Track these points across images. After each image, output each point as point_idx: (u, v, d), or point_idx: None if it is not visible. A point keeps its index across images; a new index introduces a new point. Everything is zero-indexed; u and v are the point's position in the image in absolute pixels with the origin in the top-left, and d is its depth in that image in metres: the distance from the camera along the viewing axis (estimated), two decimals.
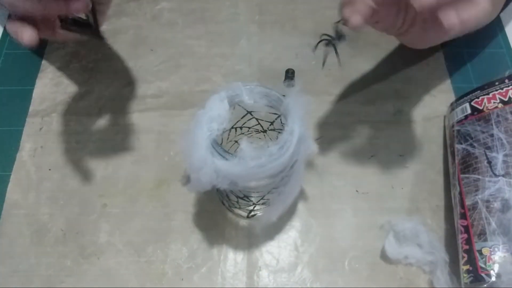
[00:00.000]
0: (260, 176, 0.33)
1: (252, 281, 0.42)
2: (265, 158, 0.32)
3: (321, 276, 0.42)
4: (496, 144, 0.40)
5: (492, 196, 0.39)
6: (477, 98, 0.44)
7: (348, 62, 0.54)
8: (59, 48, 0.55)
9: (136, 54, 0.55)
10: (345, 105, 0.51)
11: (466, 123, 0.44)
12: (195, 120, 0.34)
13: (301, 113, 0.34)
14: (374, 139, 0.49)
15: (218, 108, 0.34)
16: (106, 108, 0.51)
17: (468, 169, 0.41)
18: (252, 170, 0.32)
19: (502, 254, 0.36)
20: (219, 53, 0.55)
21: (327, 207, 0.45)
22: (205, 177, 0.32)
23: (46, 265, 0.42)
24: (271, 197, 0.39)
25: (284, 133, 0.33)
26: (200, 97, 0.35)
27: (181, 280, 0.42)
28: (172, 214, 0.45)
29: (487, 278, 0.36)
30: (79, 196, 0.46)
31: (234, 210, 0.44)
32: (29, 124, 0.50)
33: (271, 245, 0.43)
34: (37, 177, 0.47)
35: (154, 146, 0.49)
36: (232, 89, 0.36)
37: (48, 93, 0.52)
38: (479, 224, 0.38)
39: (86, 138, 0.49)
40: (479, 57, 0.55)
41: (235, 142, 0.43)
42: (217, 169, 0.32)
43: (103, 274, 0.42)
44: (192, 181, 0.34)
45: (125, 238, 0.44)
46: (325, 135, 0.49)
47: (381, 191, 0.46)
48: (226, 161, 0.32)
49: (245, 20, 0.58)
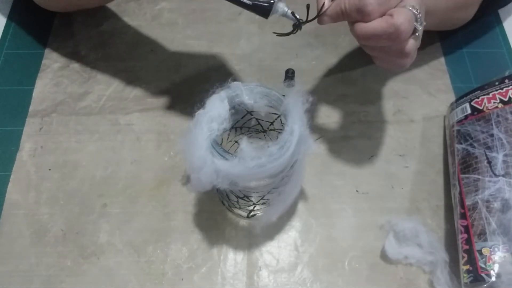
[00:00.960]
0: (260, 176, 0.33)
1: (252, 281, 0.42)
2: (265, 158, 0.32)
3: (321, 276, 0.42)
4: (496, 144, 0.40)
5: (492, 196, 0.39)
6: (477, 98, 0.44)
7: (348, 62, 0.55)
8: (59, 48, 0.55)
9: (136, 54, 0.55)
10: (345, 105, 0.51)
11: (466, 123, 0.44)
12: (195, 120, 0.34)
13: (301, 113, 0.34)
14: (374, 139, 0.49)
15: (218, 108, 0.34)
16: (106, 108, 0.51)
17: (468, 169, 0.41)
18: (252, 170, 0.32)
19: (502, 254, 0.36)
20: (219, 53, 0.55)
21: (327, 207, 0.45)
22: (205, 177, 0.32)
23: (46, 265, 0.42)
24: (271, 197, 0.39)
25: (284, 133, 0.33)
26: (200, 97, 0.35)
27: (181, 280, 0.42)
28: (172, 214, 0.45)
29: (487, 278, 0.36)
30: (79, 196, 0.46)
31: (234, 210, 0.44)
32: (29, 124, 0.50)
33: (271, 245, 0.43)
34: (37, 177, 0.47)
35: (154, 146, 0.49)
36: (232, 89, 0.36)
37: (48, 93, 0.52)
38: (479, 224, 0.38)
39: (86, 138, 0.49)
40: (479, 57, 0.55)
41: (235, 142, 0.43)
42: (217, 169, 0.32)
43: (103, 274, 0.42)
44: (192, 181, 0.34)
45: (125, 238, 0.44)
46: (325, 135, 0.49)
47: (381, 191, 0.46)
48: (226, 161, 0.32)
49: (245, 20, 0.58)
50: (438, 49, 0.55)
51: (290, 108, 0.34)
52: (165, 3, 0.59)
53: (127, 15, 0.58)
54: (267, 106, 0.37)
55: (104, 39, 0.56)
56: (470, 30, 0.55)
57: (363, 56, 0.55)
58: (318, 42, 0.56)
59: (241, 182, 0.34)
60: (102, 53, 0.55)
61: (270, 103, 0.37)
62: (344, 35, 0.56)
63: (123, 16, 0.58)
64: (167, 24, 0.57)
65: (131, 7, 0.59)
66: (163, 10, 0.59)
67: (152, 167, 0.47)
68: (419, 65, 0.54)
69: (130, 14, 0.58)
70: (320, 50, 0.55)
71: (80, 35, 0.56)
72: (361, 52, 0.55)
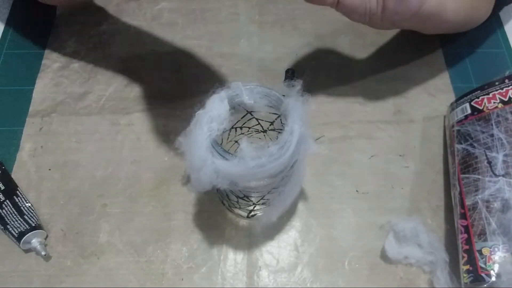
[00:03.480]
0: (260, 176, 0.33)
1: (252, 281, 0.42)
2: (265, 158, 0.32)
3: (321, 276, 0.42)
4: (496, 144, 0.40)
5: (492, 196, 0.39)
6: (477, 98, 0.44)
7: (348, 62, 0.55)
8: (59, 48, 0.55)
9: (136, 54, 0.55)
10: (345, 105, 0.51)
11: (466, 123, 0.44)
12: (195, 120, 0.34)
13: (301, 113, 0.34)
14: (374, 139, 0.49)
15: (218, 108, 0.34)
16: (106, 108, 0.51)
17: (468, 169, 0.41)
18: (252, 170, 0.32)
19: (502, 254, 0.36)
20: (219, 53, 0.55)
21: (327, 207, 0.45)
22: (205, 177, 0.32)
23: (46, 265, 0.42)
24: (271, 197, 0.39)
25: (284, 133, 0.33)
26: (200, 97, 0.35)
27: (181, 280, 0.42)
28: (172, 214, 0.45)
29: (487, 278, 0.36)
30: (79, 196, 0.46)
31: (234, 210, 0.44)
32: (29, 124, 0.50)
33: (271, 245, 0.43)
34: (37, 177, 0.47)
35: (154, 146, 0.49)
36: (232, 89, 0.36)
37: (48, 93, 0.52)
38: (479, 224, 0.38)
39: (86, 138, 0.49)
40: (479, 57, 0.55)
41: (235, 142, 0.43)
42: (217, 169, 0.32)
43: (103, 274, 0.42)
44: (192, 181, 0.34)
45: (125, 238, 0.44)
46: (325, 135, 0.49)
47: (381, 191, 0.46)
48: (226, 161, 0.32)
49: (245, 20, 0.58)
50: (438, 49, 0.55)
51: (290, 108, 0.34)
52: (165, 3, 0.59)
53: (127, 15, 0.58)
54: (267, 106, 0.37)
55: (104, 39, 0.56)
56: (470, 30, 0.55)
57: (363, 56, 0.55)
58: (318, 42, 0.56)
59: (241, 182, 0.34)
60: (102, 53, 0.55)
61: (270, 103, 0.37)
62: (344, 35, 0.56)
63: (123, 16, 0.58)
64: (167, 24, 0.57)
65: (131, 7, 0.59)
66: (163, 10, 0.59)
67: (152, 167, 0.47)
68: (419, 65, 0.54)
69: (130, 14, 0.58)
70: (320, 50, 0.55)
71: (80, 35, 0.56)
72: (361, 52, 0.55)
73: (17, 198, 0.44)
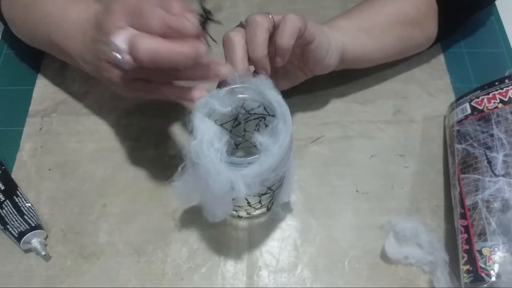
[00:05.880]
0: (285, 158, 0.33)
1: (252, 281, 0.42)
2: (278, 143, 0.32)
3: (321, 276, 0.42)
4: (496, 144, 0.40)
5: (492, 196, 0.39)
6: (477, 98, 0.44)
7: None
8: None
9: None
10: (345, 105, 0.51)
11: (466, 123, 0.44)
12: (194, 153, 0.32)
13: (273, 89, 0.35)
14: (374, 139, 0.49)
15: (208, 128, 0.33)
16: (106, 108, 0.51)
17: (468, 169, 0.41)
18: (278, 156, 0.32)
19: (502, 254, 0.36)
20: (219, 53, 0.55)
21: (327, 207, 0.45)
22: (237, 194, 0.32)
23: (46, 265, 0.42)
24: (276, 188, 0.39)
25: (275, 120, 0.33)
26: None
27: (181, 280, 0.42)
28: (172, 214, 0.45)
29: (487, 278, 0.36)
30: (79, 196, 0.46)
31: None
32: (29, 124, 0.50)
33: (271, 245, 0.43)
34: (37, 177, 0.47)
35: (154, 146, 0.49)
36: (203, 107, 0.34)
37: (48, 93, 0.52)
38: (479, 224, 0.38)
39: (86, 138, 0.49)
40: (479, 57, 0.55)
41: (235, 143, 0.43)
42: (247, 180, 0.31)
43: (103, 274, 0.42)
44: (210, 212, 0.35)
45: (125, 238, 0.44)
46: (325, 135, 0.49)
47: (381, 191, 0.46)
48: (253, 165, 0.31)
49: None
50: (438, 49, 0.55)
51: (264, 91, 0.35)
52: None
53: None
54: (246, 101, 0.37)
55: None
56: (470, 30, 0.55)
57: None
58: None
59: (271, 174, 0.33)
60: None
61: (245, 99, 0.36)
62: None
63: None
64: None
65: None
66: None
67: (152, 167, 0.47)
68: (419, 65, 0.54)
69: None
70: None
71: None
72: None
73: (17, 198, 0.44)
